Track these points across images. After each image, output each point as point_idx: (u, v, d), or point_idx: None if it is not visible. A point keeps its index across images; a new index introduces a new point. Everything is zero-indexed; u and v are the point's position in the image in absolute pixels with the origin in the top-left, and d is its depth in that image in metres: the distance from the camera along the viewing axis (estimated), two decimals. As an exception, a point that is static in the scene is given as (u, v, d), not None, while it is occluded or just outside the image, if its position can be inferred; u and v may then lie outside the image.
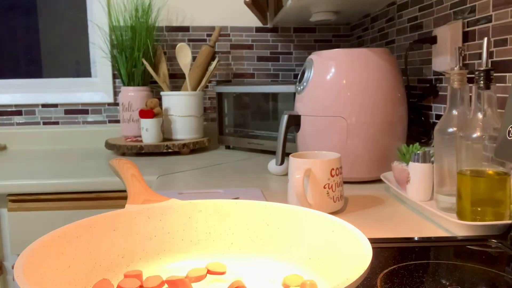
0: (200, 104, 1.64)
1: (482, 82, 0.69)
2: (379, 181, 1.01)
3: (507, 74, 0.88)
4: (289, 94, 1.39)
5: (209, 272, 0.50)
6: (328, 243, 0.50)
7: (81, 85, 1.90)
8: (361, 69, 1.04)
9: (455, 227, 0.70)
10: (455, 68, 0.77)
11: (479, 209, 0.70)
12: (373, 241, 0.66)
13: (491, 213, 0.69)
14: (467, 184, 0.71)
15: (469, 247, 0.66)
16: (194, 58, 1.74)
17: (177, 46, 1.63)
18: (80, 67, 1.94)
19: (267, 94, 1.51)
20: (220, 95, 1.65)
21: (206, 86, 1.88)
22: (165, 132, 1.63)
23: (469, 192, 0.71)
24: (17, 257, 0.42)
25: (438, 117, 1.16)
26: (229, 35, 1.89)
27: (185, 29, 1.87)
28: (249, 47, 1.91)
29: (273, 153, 1.17)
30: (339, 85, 1.04)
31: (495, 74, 0.70)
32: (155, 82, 1.76)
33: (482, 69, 0.69)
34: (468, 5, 1.00)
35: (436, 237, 0.70)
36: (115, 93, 1.87)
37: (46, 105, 1.86)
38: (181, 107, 1.60)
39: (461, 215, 0.72)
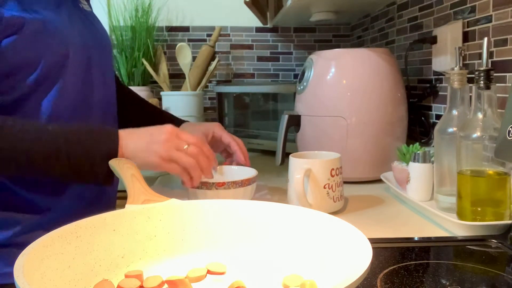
0: (200, 104, 1.64)
1: (482, 82, 0.69)
2: (379, 181, 1.01)
3: (507, 74, 0.88)
4: (289, 94, 1.39)
5: (209, 272, 0.50)
6: (328, 243, 0.50)
7: (81, 85, 1.90)
8: (361, 69, 1.04)
9: (455, 227, 0.70)
10: (455, 68, 0.77)
11: (479, 209, 0.70)
12: (373, 241, 0.66)
13: (491, 213, 0.69)
14: (467, 184, 0.71)
15: (469, 247, 0.66)
16: (194, 58, 1.74)
17: (177, 46, 1.63)
18: (80, 67, 1.94)
19: (267, 94, 1.50)
20: (220, 95, 1.65)
21: (206, 86, 1.87)
22: (165, 132, 1.63)
23: (469, 192, 0.71)
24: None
25: (438, 117, 1.16)
26: (229, 35, 1.89)
27: (185, 29, 1.87)
28: (249, 47, 1.91)
29: (273, 153, 1.17)
30: (339, 85, 1.04)
31: (495, 74, 0.70)
32: (155, 82, 1.76)
33: (482, 69, 0.69)
34: (468, 5, 1.00)
35: (436, 237, 0.70)
36: (115, 93, 1.87)
37: (46, 105, 1.85)
38: (181, 107, 1.60)
39: (461, 215, 0.72)
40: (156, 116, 1.08)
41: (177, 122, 1.02)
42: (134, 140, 0.75)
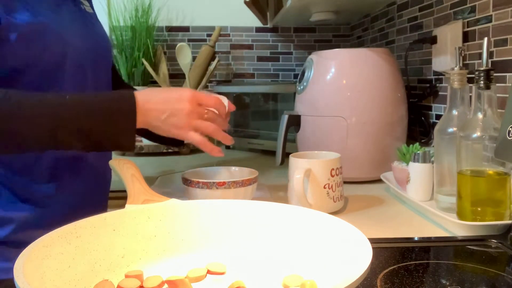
0: (200, 104, 1.63)
1: (482, 82, 0.69)
2: (379, 181, 1.01)
3: (507, 74, 0.88)
4: (289, 94, 1.39)
5: (209, 272, 0.50)
6: (328, 243, 0.50)
7: (81, 85, 1.90)
8: (361, 69, 1.04)
9: (455, 227, 0.70)
10: (455, 68, 0.77)
11: (479, 209, 0.70)
12: (373, 241, 0.66)
13: (491, 213, 0.69)
14: (467, 184, 0.71)
15: (469, 247, 0.66)
16: (194, 58, 1.74)
17: (177, 46, 1.63)
18: (80, 67, 1.94)
19: (267, 94, 1.50)
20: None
21: (206, 86, 1.87)
22: (165, 132, 1.63)
23: (469, 192, 0.71)
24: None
25: (438, 117, 1.16)
26: (229, 35, 1.89)
27: (185, 29, 1.87)
28: (249, 47, 1.91)
29: (273, 153, 1.17)
30: (339, 85, 1.04)
31: (495, 74, 0.70)
32: (155, 82, 1.76)
33: (482, 69, 0.69)
34: (468, 5, 1.00)
35: (436, 237, 0.70)
36: (115, 93, 1.87)
37: (46, 105, 1.85)
38: (181, 107, 1.59)
39: (461, 215, 0.72)
40: None
41: None
42: (154, 110, 0.73)
